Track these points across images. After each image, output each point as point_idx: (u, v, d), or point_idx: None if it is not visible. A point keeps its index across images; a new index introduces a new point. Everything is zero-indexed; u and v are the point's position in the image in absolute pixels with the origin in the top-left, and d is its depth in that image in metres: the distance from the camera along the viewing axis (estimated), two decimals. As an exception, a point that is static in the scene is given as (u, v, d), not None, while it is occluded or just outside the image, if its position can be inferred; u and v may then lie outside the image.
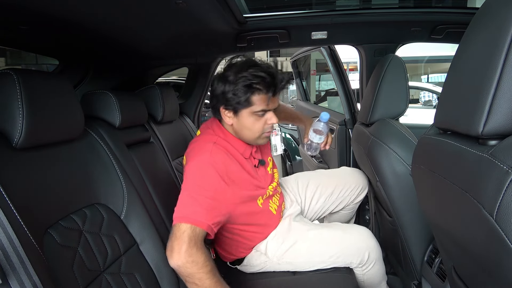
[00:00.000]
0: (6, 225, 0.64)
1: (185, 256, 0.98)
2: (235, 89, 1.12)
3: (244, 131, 1.20)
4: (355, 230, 1.36)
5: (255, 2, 1.98)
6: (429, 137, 0.76)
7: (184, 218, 1.03)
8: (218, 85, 1.16)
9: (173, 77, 4.80)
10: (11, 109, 0.74)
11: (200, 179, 1.10)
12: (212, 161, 1.11)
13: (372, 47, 1.80)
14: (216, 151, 1.14)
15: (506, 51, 0.51)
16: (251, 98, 1.13)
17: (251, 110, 1.15)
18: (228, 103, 1.15)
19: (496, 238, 0.49)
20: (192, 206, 1.05)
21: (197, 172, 1.11)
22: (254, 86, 1.12)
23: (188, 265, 0.99)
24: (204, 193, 1.08)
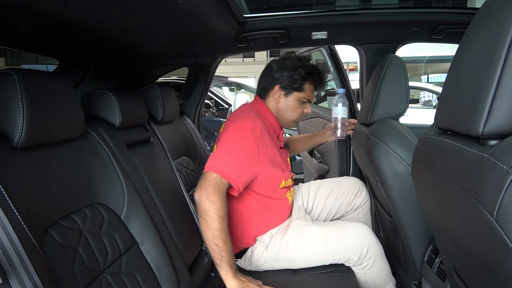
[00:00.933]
0: (6, 225, 0.64)
1: (207, 194, 1.13)
2: (295, 73, 1.33)
3: (286, 112, 1.38)
4: (353, 226, 1.36)
5: (255, 2, 1.98)
6: (429, 137, 0.76)
7: (215, 168, 1.16)
8: (278, 68, 1.35)
9: (173, 77, 4.81)
10: (11, 109, 0.74)
11: (238, 140, 1.22)
12: (252, 127, 1.24)
13: (372, 47, 1.80)
14: (257, 119, 1.27)
15: (506, 51, 0.51)
16: (304, 86, 1.35)
17: (298, 96, 1.36)
18: (285, 83, 1.34)
19: (496, 238, 0.50)
20: (226, 160, 1.18)
21: (237, 133, 1.24)
22: (309, 76, 1.34)
23: (207, 201, 1.12)
24: (238, 152, 1.20)
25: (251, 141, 1.22)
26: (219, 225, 1.12)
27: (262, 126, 1.26)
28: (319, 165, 2.43)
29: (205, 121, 4.27)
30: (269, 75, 1.37)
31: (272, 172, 1.31)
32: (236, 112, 1.39)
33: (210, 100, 4.95)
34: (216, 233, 1.12)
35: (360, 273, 1.33)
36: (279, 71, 1.34)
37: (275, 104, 1.38)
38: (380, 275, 1.34)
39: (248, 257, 1.36)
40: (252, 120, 1.26)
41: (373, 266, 1.32)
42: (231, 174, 1.16)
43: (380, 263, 1.33)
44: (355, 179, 1.69)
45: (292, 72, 1.33)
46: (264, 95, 1.40)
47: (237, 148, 1.21)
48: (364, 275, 1.33)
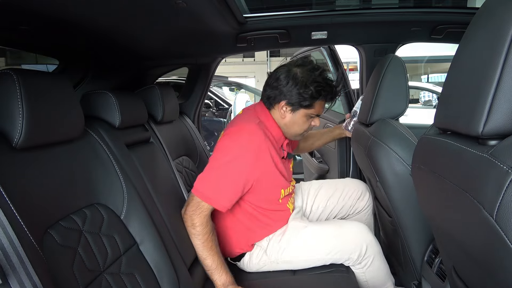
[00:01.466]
0: (6, 225, 0.64)
1: (190, 218, 1.19)
2: (305, 91, 1.21)
3: (293, 127, 1.30)
4: (351, 225, 1.36)
5: (255, 2, 1.98)
6: (429, 137, 0.76)
7: (201, 193, 1.18)
8: (287, 82, 1.23)
9: (173, 77, 4.81)
10: (11, 109, 0.74)
11: (231, 161, 1.18)
12: (248, 143, 1.19)
13: (372, 47, 1.80)
14: (256, 132, 1.20)
15: (506, 51, 0.51)
16: (314, 103, 1.24)
17: (307, 112, 1.26)
18: (293, 100, 1.23)
19: (496, 238, 0.49)
20: (213, 185, 1.18)
21: (231, 152, 1.19)
22: (320, 94, 1.23)
23: (189, 224, 1.20)
24: (231, 175, 1.18)
25: (248, 159, 1.18)
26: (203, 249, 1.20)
27: (261, 139, 1.20)
28: (319, 165, 2.43)
29: (205, 121, 4.27)
30: (276, 87, 1.25)
31: (270, 185, 1.29)
32: (238, 121, 1.31)
33: (210, 100, 4.95)
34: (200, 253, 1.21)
35: (360, 273, 1.34)
36: (288, 85, 1.23)
37: (280, 117, 1.29)
38: (379, 273, 1.35)
39: (247, 261, 1.37)
40: (249, 134, 1.20)
41: (372, 265, 1.32)
42: (217, 200, 1.18)
43: (379, 261, 1.33)
44: (358, 181, 1.67)
45: (301, 90, 1.21)
46: (268, 105, 1.30)
47: (228, 170, 1.18)
48: (364, 274, 1.34)
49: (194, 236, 1.21)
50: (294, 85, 1.22)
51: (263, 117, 1.29)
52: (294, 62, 1.28)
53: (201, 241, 1.21)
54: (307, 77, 1.21)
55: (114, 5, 0.98)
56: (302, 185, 1.67)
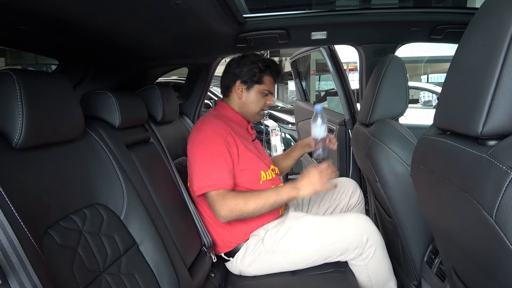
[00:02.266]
0: (6, 225, 0.64)
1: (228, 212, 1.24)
2: (253, 67, 1.42)
3: (249, 105, 1.46)
4: (351, 215, 1.36)
5: (255, 2, 1.98)
6: (429, 137, 0.76)
7: (209, 187, 1.25)
8: (238, 65, 1.44)
9: (173, 77, 4.81)
10: (10, 109, 0.74)
11: (209, 148, 1.29)
12: (215, 129, 1.31)
13: (372, 47, 1.80)
14: (217, 122, 1.35)
15: (505, 51, 0.51)
16: (263, 78, 1.43)
17: (259, 88, 1.44)
18: (245, 78, 1.43)
19: (496, 239, 0.49)
20: (212, 174, 1.26)
21: (205, 141, 1.30)
22: (267, 69, 1.43)
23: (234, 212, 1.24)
24: (216, 159, 1.27)
25: (218, 144, 1.29)
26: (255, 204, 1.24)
27: (222, 125, 1.34)
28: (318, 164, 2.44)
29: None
30: (229, 72, 1.45)
31: (247, 164, 1.36)
32: (197, 122, 1.44)
33: (210, 100, 4.94)
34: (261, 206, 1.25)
35: (362, 266, 1.31)
36: (239, 67, 1.43)
37: (238, 99, 1.46)
38: (382, 268, 1.32)
39: (242, 254, 1.36)
40: (211, 124, 1.34)
41: (375, 257, 1.29)
42: (225, 181, 1.25)
43: (381, 254, 1.31)
44: (348, 179, 1.73)
45: (250, 66, 1.42)
46: (227, 92, 1.48)
47: (210, 154, 1.28)
48: (366, 267, 1.30)
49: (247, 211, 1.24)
50: (244, 65, 1.43)
51: (220, 109, 1.48)
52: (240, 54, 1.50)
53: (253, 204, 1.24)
54: (253, 57, 1.45)
55: (114, 5, 0.98)
56: None
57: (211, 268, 1.38)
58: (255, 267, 1.34)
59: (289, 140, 3.78)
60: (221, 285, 1.37)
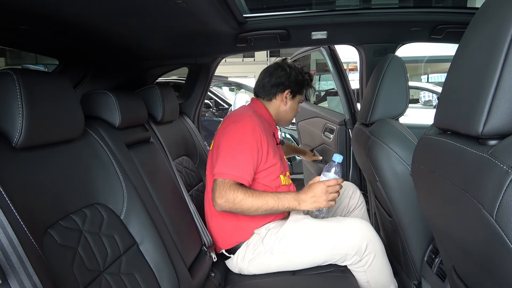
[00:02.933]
0: (6, 225, 0.64)
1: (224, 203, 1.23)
2: (303, 80, 1.52)
3: (289, 113, 1.55)
4: (351, 221, 1.35)
5: (255, 2, 1.98)
6: (429, 137, 0.76)
7: (226, 174, 1.25)
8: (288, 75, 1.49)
9: (173, 77, 4.81)
10: (11, 109, 0.74)
11: (241, 142, 1.30)
12: (252, 126, 1.33)
13: (372, 47, 1.80)
14: (255, 118, 1.38)
15: (506, 51, 0.50)
16: (303, 90, 1.55)
17: (300, 98, 1.56)
18: (295, 88, 1.51)
19: (496, 238, 0.49)
20: (235, 165, 1.27)
21: (238, 135, 1.32)
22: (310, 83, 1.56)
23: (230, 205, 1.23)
24: (243, 153, 1.29)
25: (252, 140, 1.31)
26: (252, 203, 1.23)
27: (260, 124, 1.37)
28: (319, 165, 2.43)
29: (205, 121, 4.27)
30: (280, 80, 1.49)
31: (271, 165, 1.38)
32: (235, 112, 1.47)
33: (210, 100, 4.94)
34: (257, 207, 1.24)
35: (361, 271, 1.31)
36: (290, 77, 1.49)
37: (281, 105, 1.52)
38: (381, 273, 1.32)
39: (243, 252, 1.36)
40: (250, 118, 1.36)
41: (374, 263, 1.29)
42: (241, 175, 1.26)
43: (380, 260, 1.30)
44: (347, 182, 1.74)
45: (300, 78, 1.51)
46: (271, 96, 1.51)
47: (241, 149, 1.29)
48: (365, 273, 1.30)
49: (240, 208, 1.23)
50: (295, 75, 1.49)
51: (256, 108, 1.50)
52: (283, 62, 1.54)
53: (250, 203, 1.23)
54: (297, 69, 1.52)
55: (114, 5, 0.98)
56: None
57: (211, 267, 1.38)
58: (255, 266, 1.34)
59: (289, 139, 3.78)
60: (221, 284, 1.37)
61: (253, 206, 1.23)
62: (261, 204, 1.23)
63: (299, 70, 1.51)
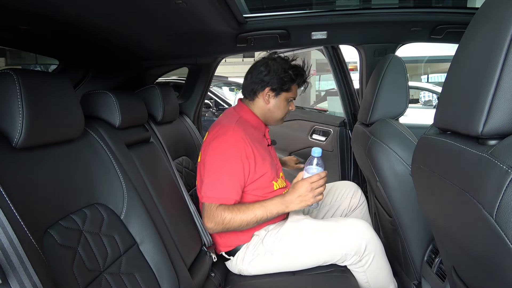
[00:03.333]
0: (6, 225, 0.64)
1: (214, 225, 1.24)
2: (285, 75, 1.38)
3: (275, 112, 1.45)
4: (351, 221, 1.35)
5: (255, 2, 1.98)
6: (429, 137, 0.76)
7: (211, 199, 1.25)
8: (268, 71, 1.39)
9: (173, 77, 4.80)
10: (11, 109, 0.74)
11: (224, 160, 1.27)
12: (234, 141, 1.29)
13: (372, 47, 1.80)
14: (238, 129, 1.32)
15: (506, 51, 0.50)
16: (291, 86, 1.41)
17: (286, 96, 1.43)
18: (275, 85, 1.39)
19: (496, 238, 0.49)
20: (219, 187, 1.25)
21: (221, 152, 1.29)
22: (297, 78, 1.41)
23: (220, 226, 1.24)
24: (228, 172, 1.26)
25: (236, 156, 1.27)
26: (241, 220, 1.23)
27: (244, 134, 1.31)
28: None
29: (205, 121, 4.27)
30: (258, 77, 1.40)
31: (260, 176, 1.34)
32: (218, 123, 1.41)
33: (210, 100, 4.94)
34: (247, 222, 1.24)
35: (360, 271, 1.31)
36: (269, 74, 1.39)
37: (264, 104, 1.43)
38: (381, 273, 1.32)
39: (242, 254, 1.36)
40: (233, 131, 1.31)
41: (373, 263, 1.29)
42: (229, 196, 1.25)
43: (380, 260, 1.30)
44: (348, 182, 1.73)
45: (282, 75, 1.38)
46: (252, 96, 1.44)
47: (225, 168, 1.27)
48: (365, 273, 1.31)
49: (232, 226, 1.24)
50: (275, 72, 1.38)
51: (242, 112, 1.44)
52: (267, 57, 1.44)
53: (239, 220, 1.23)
54: (283, 65, 1.40)
55: (114, 5, 0.98)
56: None
57: (211, 267, 1.38)
58: (254, 267, 1.34)
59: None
60: (221, 284, 1.37)
61: (243, 221, 1.24)
62: (250, 217, 1.23)
63: (282, 66, 1.39)
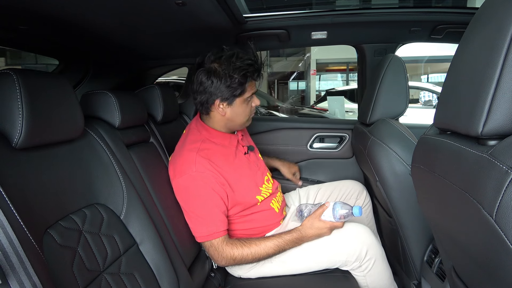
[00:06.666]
0: (6, 226, 0.64)
1: (226, 262, 1.23)
2: (231, 82, 1.20)
3: (237, 118, 1.29)
4: (351, 226, 1.33)
5: (255, 2, 1.98)
6: (429, 137, 0.76)
7: (204, 237, 1.22)
8: (212, 82, 1.21)
9: (173, 77, 4.81)
10: (10, 109, 0.74)
11: (196, 196, 1.21)
12: (199, 177, 1.19)
13: (372, 47, 1.80)
14: (200, 161, 1.21)
15: (506, 51, 0.50)
16: (245, 87, 1.23)
17: (243, 98, 1.25)
18: (224, 96, 1.22)
19: (496, 238, 0.49)
20: (203, 224, 1.21)
21: (190, 189, 1.21)
22: (247, 77, 1.21)
23: (232, 262, 1.22)
24: (205, 208, 1.21)
25: (207, 189, 1.19)
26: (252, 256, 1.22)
27: (208, 166, 1.20)
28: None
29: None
30: (204, 91, 1.22)
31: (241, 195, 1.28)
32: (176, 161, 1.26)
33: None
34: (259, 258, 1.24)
35: (360, 276, 1.30)
36: (213, 85, 1.20)
37: (221, 117, 1.28)
38: (381, 277, 1.31)
39: None
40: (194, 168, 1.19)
41: (374, 268, 1.28)
42: (218, 229, 1.21)
43: (380, 265, 1.30)
44: (355, 181, 1.69)
45: (228, 82, 1.19)
46: (206, 110, 1.28)
47: (201, 205, 1.21)
48: (365, 278, 1.30)
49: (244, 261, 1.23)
50: (220, 82, 1.20)
51: (202, 132, 1.31)
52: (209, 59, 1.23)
53: (251, 256, 1.22)
54: (227, 68, 1.19)
55: (114, 5, 0.98)
56: (299, 191, 1.70)
57: (211, 268, 1.38)
58: (254, 273, 1.34)
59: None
60: (221, 284, 1.37)
61: (255, 258, 1.23)
62: (262, 255, 1.23)
63: (225, 71, 1.18)
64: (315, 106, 6.92)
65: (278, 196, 1.45)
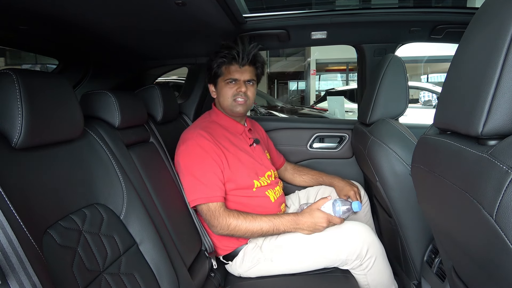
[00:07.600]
0: (5, 226, 0.64)
1: (220, 229, 1.27)
2: (211, 67, 1.44)
3: (221, 100, 1.46)
4: (351, 225, 1.33)
5: (255, 2, 1.98)
6: (429, 137, 0.76)
7: (202, 199, 1.27)
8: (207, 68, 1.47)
9: (173, 77, 4.81)
10: (10, 109, 0.74)
11: (196, 161, 1.30)
12: (196, 144, 1.32)
13: (372, 47, 1.80)
14: (203, 133, 1.35)
15: (506, 51, 0.50)
16: (222, 69, 1.43)
17: (222, 79, 1.44)
18: (212, 78, 1.47)
19: (496, 238, 0.49)
20: (199, 187, 1.28)
21: (192, 153, 1.32)
22: (223, 63, 1.42)
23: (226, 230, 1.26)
24: (204, 172, 1.28)
25: (205, 154, 1.30)
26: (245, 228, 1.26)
27: (207, 136, 1.34)
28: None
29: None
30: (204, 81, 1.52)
31: (238, 175, 1.35)
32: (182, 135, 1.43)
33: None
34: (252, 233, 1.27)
35: (361, 274, 1.30)
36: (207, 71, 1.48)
37: (216, 98, 1.50)
38: (382, 276, 1.31)
39: (241, 258, 1.35)
40: (197, 135, 1.34)
41: (374, 267, 1.28)
42: (213, 194, 1.27)
43: (381, 263, 1.30)
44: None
45: (209, 66, 1.45)
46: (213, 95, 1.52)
47: (199, 168, 1.29)
48: (365, 276, 1.30)
49: (236, 233, 1.27)
50: (209, 67, 1.46)
51: (214, 115, 1.50)
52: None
53: (244, 228, 1.26)
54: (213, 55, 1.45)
55: (113, 5, 0.98)
56: (299, 193, 1.71)
57: (211, 268, 1.38)
58: (254, 272, 1.34)
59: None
60: (221, 284, 1.37)
61: (248, 231, 1.27)
62: (255, 229, 1.27)
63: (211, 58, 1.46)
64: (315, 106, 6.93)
65: (277, 190, 1.47)
